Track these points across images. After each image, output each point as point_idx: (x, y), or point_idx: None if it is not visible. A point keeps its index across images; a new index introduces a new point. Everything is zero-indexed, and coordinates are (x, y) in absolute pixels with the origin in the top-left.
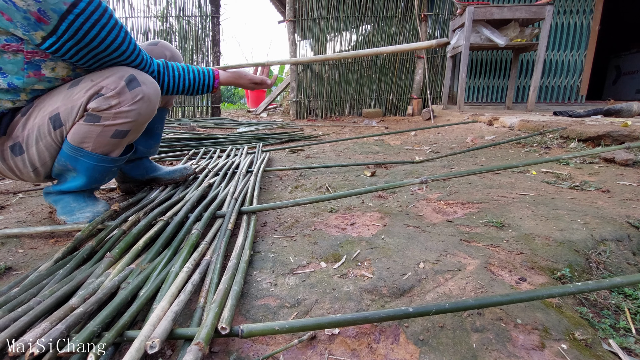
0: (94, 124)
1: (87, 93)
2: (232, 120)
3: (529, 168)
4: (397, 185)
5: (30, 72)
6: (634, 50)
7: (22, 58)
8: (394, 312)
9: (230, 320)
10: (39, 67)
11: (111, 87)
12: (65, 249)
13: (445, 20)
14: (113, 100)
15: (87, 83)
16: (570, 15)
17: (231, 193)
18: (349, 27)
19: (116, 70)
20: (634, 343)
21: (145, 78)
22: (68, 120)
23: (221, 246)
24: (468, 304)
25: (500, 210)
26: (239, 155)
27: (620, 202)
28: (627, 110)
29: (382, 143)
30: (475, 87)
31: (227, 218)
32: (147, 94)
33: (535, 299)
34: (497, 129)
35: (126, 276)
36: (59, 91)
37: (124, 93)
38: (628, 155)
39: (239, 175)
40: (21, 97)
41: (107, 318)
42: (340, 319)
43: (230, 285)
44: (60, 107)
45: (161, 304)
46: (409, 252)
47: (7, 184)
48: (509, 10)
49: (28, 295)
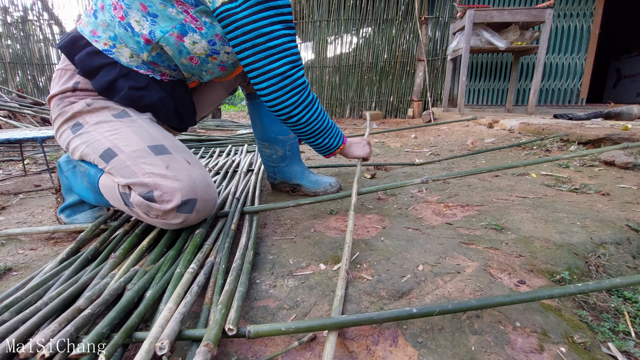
0: (124, 203)
1: (143, 179)
2: (232, 122)
3: (528, 171)
4: (398, 186)
5: (175, 32)
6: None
7: (181, 17)
8: (398, 313)
9: (237, 321)
10: (186, 33)
11: (165, 197)
12: (69, 249)
13: (446, 23)
14: (153, 212)
15: (153, 167)
16: (571, 19)
17: (232, 192)
18: (349, 30)
19: (190, 170)
20: (633, 347)
21: (206, 202)
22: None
23: (225, 247)
24: (471, 305)
25: (499, 212)
26: (239, 154)
27: (620, 205)
28: (628, 113)
29: (382, 145)
30: (475, 89)
31: (230, 219)
32: (190, 222)
33: (537, 299)
34: (498, 131)
35: (131, 277)
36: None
37: (170, 213)
38: (628, 158)
39: (240, 175)
40: (143, 54)
41: (114, 319)
42: (346, 319)
43: (236, 286)
44: (122, 157)
45: (168, 304)
46: (408, 255)
47: (8, 184)
48: (509, 14)
49: (35, 297)
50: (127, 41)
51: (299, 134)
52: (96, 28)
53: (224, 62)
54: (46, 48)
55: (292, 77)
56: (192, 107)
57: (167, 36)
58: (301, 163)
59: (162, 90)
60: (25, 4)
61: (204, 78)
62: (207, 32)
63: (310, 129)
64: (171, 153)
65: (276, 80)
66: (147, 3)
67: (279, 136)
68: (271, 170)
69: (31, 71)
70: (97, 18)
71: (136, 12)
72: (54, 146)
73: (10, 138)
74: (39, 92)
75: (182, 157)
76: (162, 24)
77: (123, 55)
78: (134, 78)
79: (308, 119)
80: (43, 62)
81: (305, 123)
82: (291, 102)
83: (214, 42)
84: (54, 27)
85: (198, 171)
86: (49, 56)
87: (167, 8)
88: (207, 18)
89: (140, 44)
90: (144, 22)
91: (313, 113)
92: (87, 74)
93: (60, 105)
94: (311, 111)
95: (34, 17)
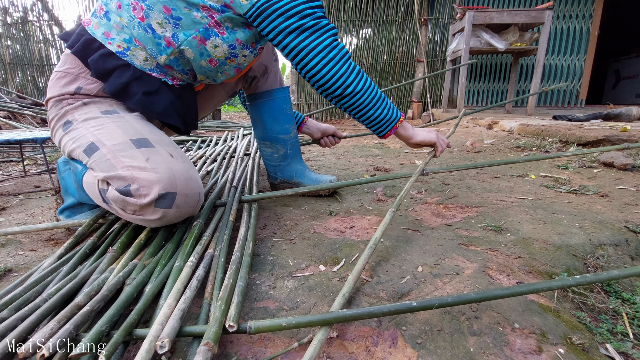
0: (103, 199)
1: (120, 172)
2: (232, 122)
3: (527, 172)
4: (398, 177)
5: (197, 36)
6: (634, 54)
7: (206, 22)
8: (398, 307)
9: (237, 318)
10: (209, 37)
11: (141, 191)
12: (67, 244)
13: (445, 25)
14: (129, 207)
15: (133, 160)
16: (570, 20)
17: (230, 180)
18: (349, 31)
19: (171, 162)
20: (631, 348)
21: (187, 197)
22: (94, 168)
23: (224, 239)
24: (470, 298)
25: (498, 214)
26: (236, 139)
27: (618, 207)
28: (627, 114)
29: (382, 146)
30: (475, 90)
31: (228, 209)
32: (170, 218)
33: (535, 291)
34: (497, 132)
35: (130, 271)
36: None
37: (148, 208)
38: (627, 160)
39: (237, 160)
40: (160, 57)
41: (114, 316)
42: (346, 314)
43: (236, 280)
44: (103, 151)
45: (167, 301)
46: (407, 256)
47: (8, 185)
48: (509, 15)
49: (34, 293)
50: (146, 43)
51: (353, 108)
52: (109, 30)
53: (240, 65)
54: (46, 49)
55: (338, 47)
56: (197, 111)
57: (190, 39)
58: (302, 162)
59: (172, 95)
60: (25, 5)
61: (217, 80)
62: (229, 36)
63: (365, 100)
64: (154, 146)
65: (326, 52)
66: (170, 6)
67: (281, 135)
68: (272, 170)
69: (31, 72)
70: (109, 20)
71: (158, 14)
72: (54, 147)
73: (10, 139)
74: (39, 92)
75: (165, 150)
76: (186, 28)
77: (137, 58)
78: (147, 81)
79: (362, 87)
80: (43, 62)
81: (360, 92)
82: (343, 71)
83: (234, 46)
84: (54, 27)
85: (180, 164)
86: (49, 57)
87: (192, 12)
88: (230, 23)
89: (160, 45)
90: (166, 25)
91: (364, 81)
92: (100, 75)
93: (57, 107)
94: (362, 79)
95: (34, 17)
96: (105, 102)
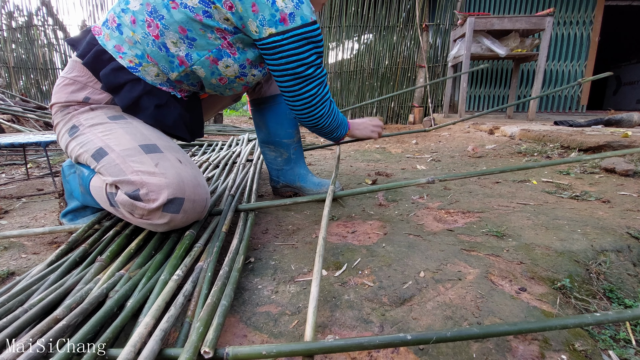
0: (110, 203)
1: (130, 177)
2: (234, 127)
3: (529, 178)
4: (402, 185)
5: (210, 56)
6: (634, 60)
7: (219, 43)
8: (391, 339)
9: (215, 343)
10: (221, 58)
11: (150, 196)
12: (59, 251)
13: (447, 31)
14: (138, 211)
15: (142, 165)
16: (570, 27)
17: (229, 187)
18: (351, 37)
19: (179, 168)
20: (634, 354)
21: (195, 203)
22: (103, 172)
23: (213, 252)
24: (472, 333)
25: (500, 219)
26: (241, 144)
27: (620, 213)
28: (628, 120)
29: (383, 151)
30: (476, 96)
31: (222, 219)
32: (177, 223)
33: (547, 329)
34: (498, 137)
35: (115, 283)
36: (130, 131)
37: (156, 212)
38: (628, 166)
39: (239, 166)
40: (172, 74)
41: (88, 334)
42: (332, 344)
43: (220, 298)
44: (112, 156)
45: (145, 319)
46: (409, 261)
47: (11, 188)
48: (510, 21)
49: (16, 303)
50: (159, 60)
51: (315, 130)
52: (121, 44)
53: (249, 83)
54: (50, 53)
55: (321, 94)
56: (202, 120)
57: (203, 59)
58: (305, 166)
59: (180, 107)
60: (30, 10)
61: (225, 94)
62: (240, 57)
63: (326, 128)
64: (162, 152)
65: (309, 99)
66: (187, 27)
67: (284, 140)
68: (275, 173)
69: (35, 75)
70: (122, 33)
71: (174, 34)
72: (57, 150)
73: (14, 142)
74: (43, 96)
75: (173, 155)
76: (200, 48)
77: (149, 74)
78: (157, 94)
79: (329, 123)
80: (47, 66)
81: (325, 125)
82: (319, 115)
83: (244, 65)
84: (59, 32)
85: (189, 170)
86: (53, 61)
87: (207, 33)
88: (241, 44)
89: (173, 63)
90: (181, 44)
91: (332, 117)
92: (111, 89)
93: (63, 112)
94: (331, 116)
95: (38, 22)
96: (112, 107)
